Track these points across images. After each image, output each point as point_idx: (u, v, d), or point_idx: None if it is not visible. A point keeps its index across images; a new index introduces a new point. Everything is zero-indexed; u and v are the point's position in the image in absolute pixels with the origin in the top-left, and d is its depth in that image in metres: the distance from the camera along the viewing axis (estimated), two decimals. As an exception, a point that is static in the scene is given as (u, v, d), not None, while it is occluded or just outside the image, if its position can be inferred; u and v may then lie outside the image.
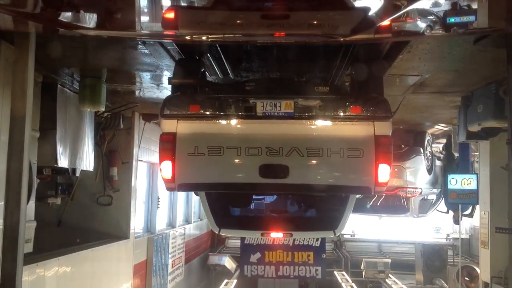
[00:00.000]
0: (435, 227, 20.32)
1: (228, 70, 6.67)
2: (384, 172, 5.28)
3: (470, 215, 12.52)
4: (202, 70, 6.03)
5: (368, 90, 5.55)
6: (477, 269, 14.28)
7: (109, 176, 9.92)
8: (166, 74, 7.27)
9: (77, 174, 8.20)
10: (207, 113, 5.44)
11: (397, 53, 5.87)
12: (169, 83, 6.01)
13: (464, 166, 9.81)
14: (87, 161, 8.28)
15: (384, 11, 4.92)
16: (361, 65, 5.66)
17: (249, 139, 5.40)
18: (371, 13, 4.93)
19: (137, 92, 8.78)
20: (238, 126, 5.50)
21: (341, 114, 5.38)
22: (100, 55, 6.44)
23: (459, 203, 9.93)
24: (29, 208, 6.55)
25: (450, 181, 9.50)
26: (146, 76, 7.58)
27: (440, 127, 11.53)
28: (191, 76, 5.75)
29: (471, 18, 5.12)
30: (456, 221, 11.37)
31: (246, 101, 5.46)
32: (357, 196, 6.78)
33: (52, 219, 9.64)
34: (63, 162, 7.30)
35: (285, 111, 5.41)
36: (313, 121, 5.43)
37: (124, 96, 8.88)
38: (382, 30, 4.88)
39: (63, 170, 7.85)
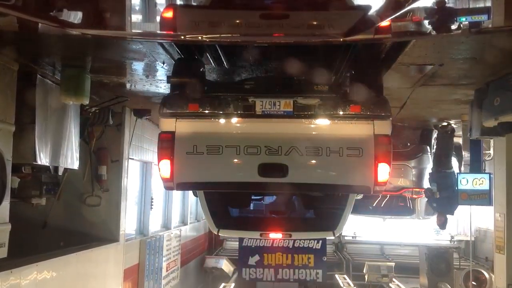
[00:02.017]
0: (436, 228, 19.76)
1: (223, 59, 6.24)
2: (383, 171, 5.28)
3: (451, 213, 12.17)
4: (201, 69, 5.96)
5: (367, 89, 5.47)
6: (485, 273, 13.80)
7: (98, 175, 9.37)
8: (158, 65, 6.75)
9: (60, 173, 7.62)
10: (206, 111, 5.43)
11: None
12: (168, 81, 5.95)
13: (475, 164, 9.23)
14: (71, 159, 7.69)
15: (385, 11, 4.78)
16: (361, 64, 5.65)
17: (248, 138, 5.41)
18: (371, 12, 4.87)
19: (127, 85, 8.22)
20: (237, 125, 5.51)
21: (341, 113, 5.37)
22: (82, 42, 5.87)
23: (471, 204, 9.37)
24: (3, 209, 6.00)
25: (460, 181, 8.93)
26: (137, 66, 7.04)
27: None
28: (190, 75, 5.73)
29: (484, 17, 4.91)
30: (442, 224, 10.61)
31: (245, 100, 5.45)
32: (357, 196, 6.66)
33: (37, 221, 9.12)
34: (43, 159, 6.72)
35: (284, 110, 5.41)
36: (313, 120, 5.43)
37: (114, 89, 8.33)
38: (382, 31, 4.85)
39: (44, 168, 7.26)
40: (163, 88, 8.02)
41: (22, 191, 8.28)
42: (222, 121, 5.51)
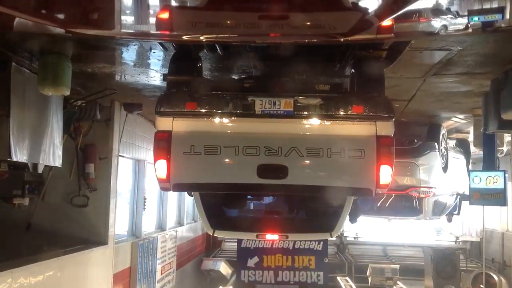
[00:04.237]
0: (436, 228, 19.40)
1: (217, 47, 5.86)
2: (385, 173, 5.16)
3: (458, 213, 12.37)
4: (198, 65, 5.88)
5: (369, 88, 5.39)
6: (494, 276, 13.31)
7: (85, 173, 8.84)
8: (146, 52, 6.24)
9: (40, 171, 7.05)
10: (204, 110, 5.29)
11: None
12: (164, 79, 5.80)
13: (489, 161, 8.63)
14: (53, 156, 7.12)
15: (386, 10, 4.72)
16: (362, 63, 5.54)
17: (247, 138, 5.28)
18: (373, 13, 4.80)
19: (115, 76, 7.65)
20: (236, 124, 5.37)
21: (342, 113, 5.24)
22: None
23: (484, 204, 8.80)
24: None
25: (473, 179, 8.37)
26: (123, 53, 6.44)
27: (458, 119, 10.39)
28: (187, 72, 5.60)
29: (498, 16, 4.72)
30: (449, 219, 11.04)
31: (244, 99, 5.30)
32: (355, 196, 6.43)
33: (21, 222, 8.62)
34: (19, 155, 6.14)
35: (285, 110, 5.27)
36: (313, 120, 5.31)
37: (101, 81, 7.76)
38: (384, 30, 4.78)
39: (22, 165, 6.68)
40: (154, 79, 7.48)
41: (2, 190, 7.79)
42: (220, 120, 5.33)
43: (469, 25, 4.88)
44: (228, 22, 4.87)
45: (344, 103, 5.22)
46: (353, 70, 5.83)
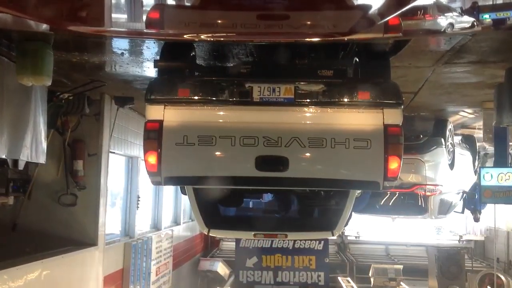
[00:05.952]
0: (436, 226, 19.15)
1: None
2: (394, 165, 4.86)
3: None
4: (192, 51, 5.60)
5: (375, 73, 5.14)
6: (502, 277, 12.91)
7: (73, 171, 8.41)
8: (138, 41, 5.91)
9: (21, 167, 6.61)
10: (198, 98, 4.99)
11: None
12: (155, 66, 5.54)
13: (501, 157, 8.21)
14: (36, 152, 6.66)
15: (389, 8, 4.52)
16: (367, 47, 5.29)
17: (245, 128, 4.99)
18: (377, 11, 4.62)
19: (106, 67, 7.21)
20: (232, 113, 5.06)
21: (347, 100, 4.94)
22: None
23: (495, 203, 8.37)
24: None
25: (484, 176, 7.93)
26: (114, 42, 6.06)
27: (466, 114, 9.97)
28: (179, 57, 5.38)
29: (510, 13, 4.74)
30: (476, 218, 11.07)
31: (241, 85, 5.01)
32: (357, 194, 6.09)
33: (6, 222, 8.21)
34: (-4, 151, 5.69)
35: (285, 97, 4.99)
36: (316, 108, 5.00)
37: (89, 72, 7.32)
38: (392, 28, 4.67)
39: (3, 162, 6.25)
40: (145, 69, 7.05)
41: (-15, 188, 7.39)
42: (215, 108, 5.01)
43: (475, 23, 4.54)
44: (224, 22, 4.68)
45: (349, 89, 4.92)
46: (357, 55, 5.50)
